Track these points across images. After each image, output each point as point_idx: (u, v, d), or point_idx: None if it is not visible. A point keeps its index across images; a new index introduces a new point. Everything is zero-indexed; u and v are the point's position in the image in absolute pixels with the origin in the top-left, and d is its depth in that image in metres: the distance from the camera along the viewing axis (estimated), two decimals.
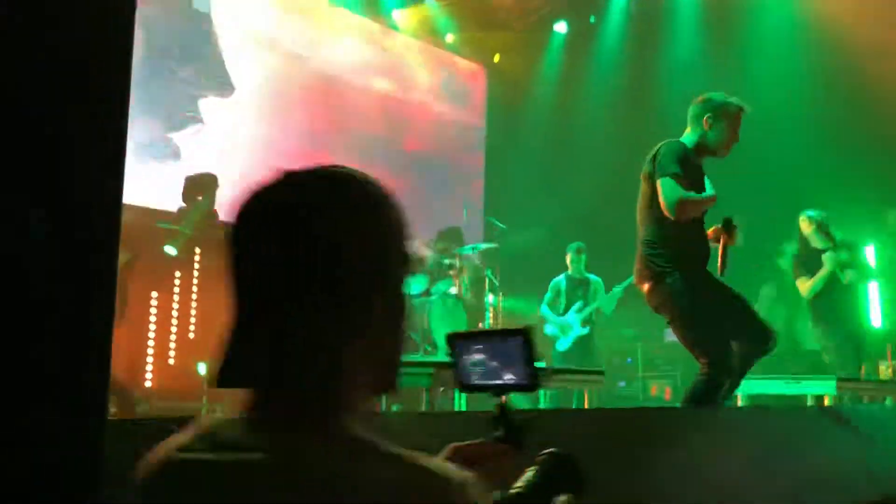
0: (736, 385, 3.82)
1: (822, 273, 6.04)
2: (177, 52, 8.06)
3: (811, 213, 6.22)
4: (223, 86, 8.41)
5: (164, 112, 7.84)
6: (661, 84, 9.54)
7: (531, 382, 1.22)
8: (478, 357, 1.27)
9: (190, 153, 7.90)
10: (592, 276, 7.54)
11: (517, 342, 1.22)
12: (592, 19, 10.37)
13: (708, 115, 3.78)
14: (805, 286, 6.18)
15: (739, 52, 8.86)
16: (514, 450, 1.23)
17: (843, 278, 6.07)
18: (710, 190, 3.77)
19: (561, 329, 7.28)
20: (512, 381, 1.23)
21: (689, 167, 3.64)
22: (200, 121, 8.16)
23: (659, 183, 3.59)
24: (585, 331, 7.37)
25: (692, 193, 3.60)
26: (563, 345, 7.28)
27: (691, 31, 9.40)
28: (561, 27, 10.47)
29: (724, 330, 3.65)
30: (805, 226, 6.21)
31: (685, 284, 3.61)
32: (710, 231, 3.74)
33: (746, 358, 3.69)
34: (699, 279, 3.68)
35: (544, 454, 1.26)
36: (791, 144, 7.80)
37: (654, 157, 3.71)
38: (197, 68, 8.22)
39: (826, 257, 6.06)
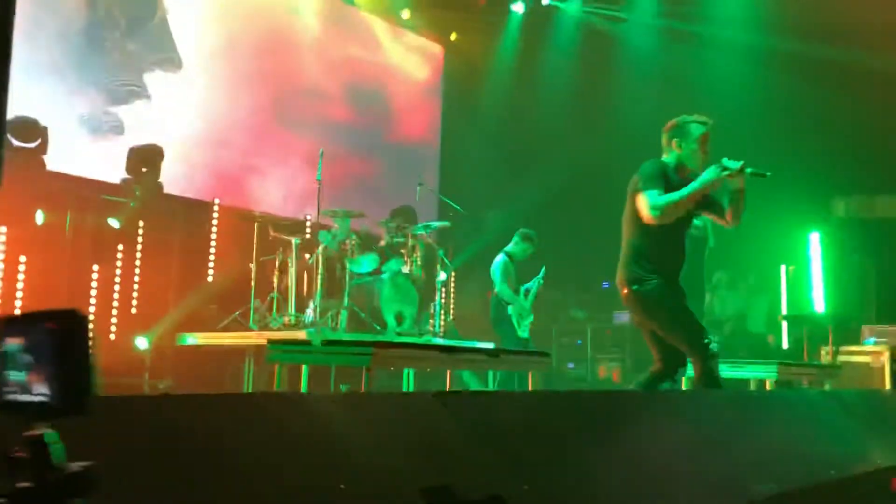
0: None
1: None
2: (123, 23, 7.72)
3: None
4: (170, 61, 8.10)
5: (107, 85, 7.53)
6: (619, 66, 9.56)
7: (67, 401, 0.79)
8: (14, 357, 0.84)
9: (137, 125, 7.65)
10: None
11: (54, 334, 0.80)
12: (548, 1, 10.33)
13: (675, 139, 3.96)
14: None
15: (694, 30, 8.89)
16: None
17: None
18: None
19: (519, 314, 7.12)
20: (42, 399, 0.80)
21: (670, 184, 3.82)
22: (146, 95, 7.88)
23: (640, 196, 3.80)
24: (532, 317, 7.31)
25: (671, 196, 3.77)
26: (524, 332, 7.13)
27: (648, 11, 9.41)
28: (518, 7, 10.41)
29: (700, 326, 3.97)
30: None
31: (665, 290, 3.86)
32: (727, 175, 3.79)
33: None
34: (676, 286, 3.95)
35: None
36: (738, 132, 7.89)
37: (637, 176, 3.91)
38: (143, 41, 7.89)
39: None
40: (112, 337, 6.73)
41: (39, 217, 6.17)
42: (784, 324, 8.54)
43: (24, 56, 6.60)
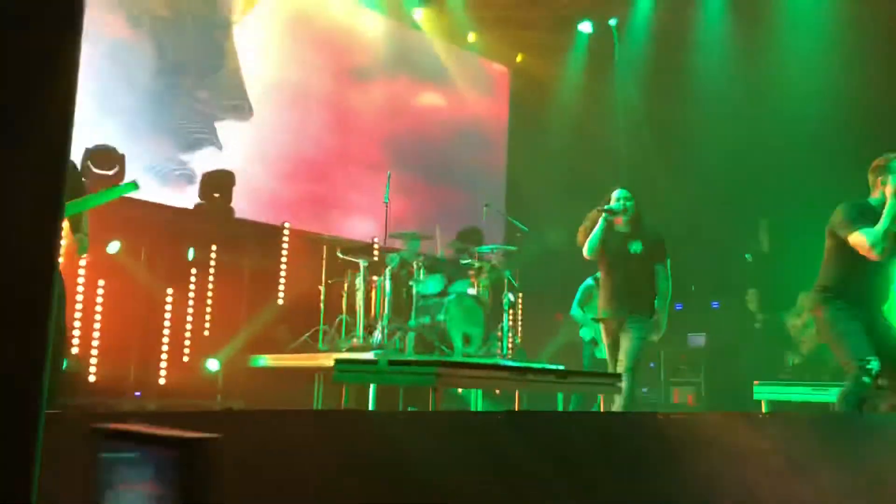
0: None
1: None
2: (193, 69, 7.80)
3: None
4: (241, 108, 8.17)
5: (177, 133, 7.63)
6: (686, 85, 9.37)
7: None
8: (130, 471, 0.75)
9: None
10: None
11: (178, 462, 0.69)
12: (614, 22, 10.21)
13: (881, 177, 4.09)
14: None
15: (766, 47, 8.64)
16: None
17: None
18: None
19: (596, 333, 6.93)
20: None
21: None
22: (216, 144, 7.94)
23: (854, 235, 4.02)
24: None
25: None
26: (602, 351, 6.95)
27: (717, 31, 9.21)
28: (585, 27, 10.31)
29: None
30: None
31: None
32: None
33: None
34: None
35: None
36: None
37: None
38: (213, 89, 7.92)
39: None
40: (185, 359, 6.85)
41: (114, 247, 6.35)
42: None
43: (94, 103, 6.79)
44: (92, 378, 6.21)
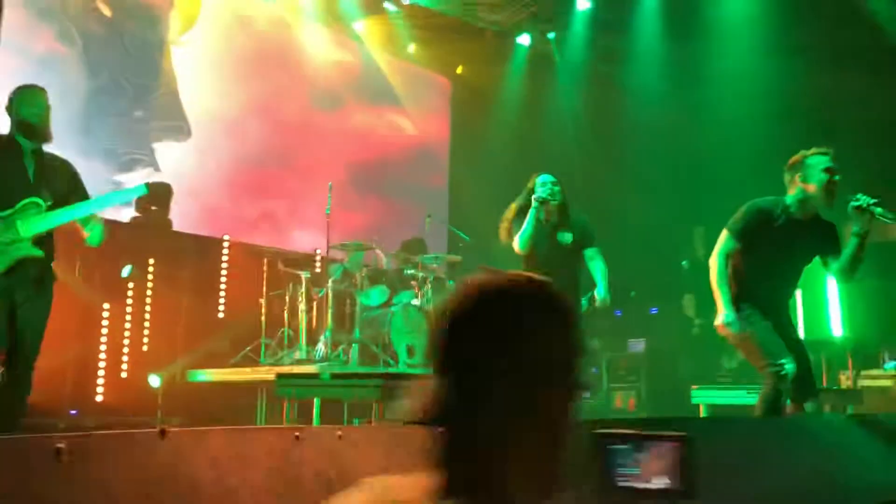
0: None
1: None
2: (128, 89, 7.59)
3: None
4: (180, 129, 7.99)
5: (111, 154, 7.41)
6: (624, 97, 9.56)
7: (689, 490, 1.19)
8: (626, 458, 1.22)
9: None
10: None
11: (674, 447, 1.19)
12: (552, 35, 10.37)
13: (798, 175, 4.15)
14: None
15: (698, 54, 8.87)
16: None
17: None
18: None
19: None
20: (665, 486, 1.18)
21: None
22: (154, 165, 7.72)
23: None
24: None
25: None
26: None
27: (652, 44, 9.42)
28: (524, 39, 10.46)
29: None
30: None
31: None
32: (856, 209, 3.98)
33: None
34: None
35: None
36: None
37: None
38: (150, 109, 7.71)
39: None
40: (124, 375, 6.69)
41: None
42: None
43: None
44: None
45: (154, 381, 6.50)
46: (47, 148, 4.07)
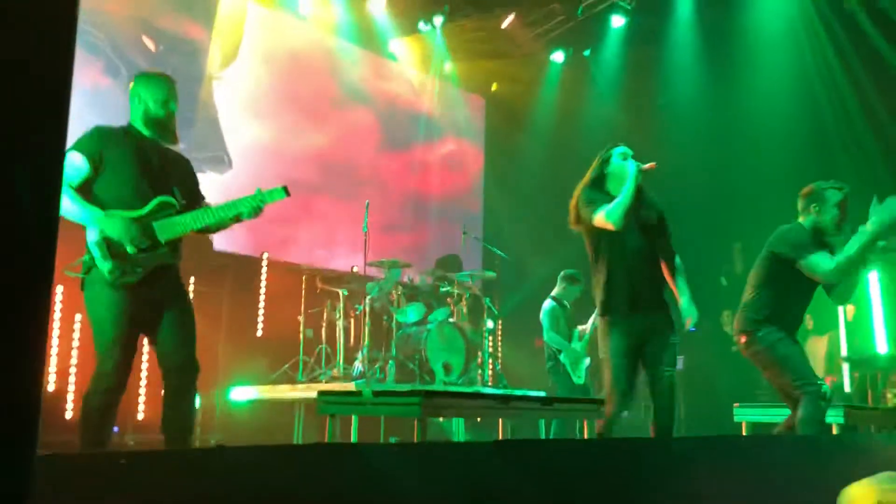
0: None
1: None
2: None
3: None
4: (220, 160, 8.10)
5: None
6: (659, 113, 9.53)
7: None
8: None
9: None
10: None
11: None
12: (587, 53, 10.38)
13: (813, 205, 4.29)
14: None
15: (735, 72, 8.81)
16: None
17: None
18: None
19: (573, 360, 6.77)
20: None
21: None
22: None
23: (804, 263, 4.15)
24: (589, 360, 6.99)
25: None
26: (580, 378, 6.82)
27: (688, 58, 9.38)
28: (558, 56, 10.48)
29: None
30: None
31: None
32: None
33: None
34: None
35: None
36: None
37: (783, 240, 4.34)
38: (191, 140, 7.73)
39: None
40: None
41: None
42: (845, 366, 8.24)
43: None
44: (69, 415, 6.12)
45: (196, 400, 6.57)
46: None
